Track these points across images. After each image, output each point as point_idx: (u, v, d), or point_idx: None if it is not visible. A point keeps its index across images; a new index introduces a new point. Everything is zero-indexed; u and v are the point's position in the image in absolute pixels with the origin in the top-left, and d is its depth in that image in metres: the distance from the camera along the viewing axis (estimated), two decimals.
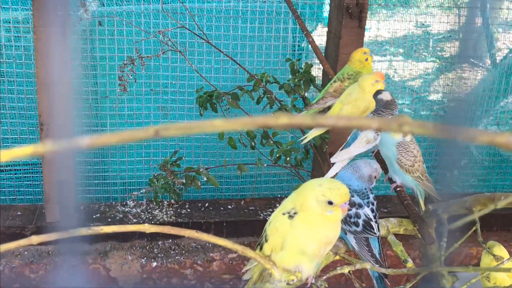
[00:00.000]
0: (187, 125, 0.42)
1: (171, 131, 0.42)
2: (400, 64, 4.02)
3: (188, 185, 2.48)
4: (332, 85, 2.00)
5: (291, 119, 0.40)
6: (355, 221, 1.28)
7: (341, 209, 1.07)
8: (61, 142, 0.42)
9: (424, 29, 4.00)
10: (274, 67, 2.83)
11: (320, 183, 1.08)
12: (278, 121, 0.39)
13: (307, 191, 1.06)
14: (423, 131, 0.38)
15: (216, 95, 2.52)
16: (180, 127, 0.42)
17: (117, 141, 0.42)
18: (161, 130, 0.41)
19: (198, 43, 2.68)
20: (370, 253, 1.26)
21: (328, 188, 1.05)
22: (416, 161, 1.59)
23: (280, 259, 1.10)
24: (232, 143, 2.61)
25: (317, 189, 1.05)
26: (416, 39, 4.03)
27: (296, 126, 0.41)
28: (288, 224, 1.07)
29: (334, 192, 1.04)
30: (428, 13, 3.51)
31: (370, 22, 3.15)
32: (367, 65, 1.98)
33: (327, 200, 1.04)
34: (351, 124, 0.42)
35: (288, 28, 2.80)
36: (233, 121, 0.40)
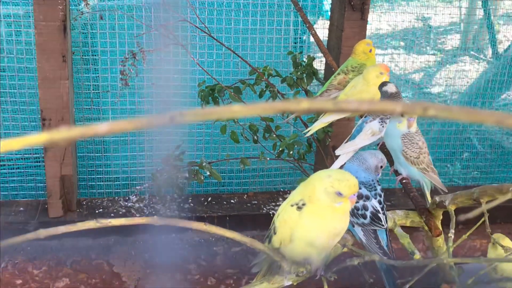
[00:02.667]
0: (205, 111, 0.41)
1: (187, 117, 0.41)
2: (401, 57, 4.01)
3: (191, 179, 2.47)
4: (336, 77, 1.99)
5: (312, 103, 0.39)
6: (362, 213, 1.27)
7: (350, 201, 1.06)
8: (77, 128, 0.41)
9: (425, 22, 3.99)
10: (276, 60, 2.82)
11: (329, 174, 1.07)
12: (299, 106, 0.38)
13: (315, 183, 1.05)
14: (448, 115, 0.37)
15: (218, 89, 2.50)
16: (197, 113, 0.41)
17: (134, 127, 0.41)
18: (176, 116, 0.40)
19: (199, 36, 2.67)
20: (378, 245, 1.25)
21: (337, 179, 1.04)
22: (422, 152, 1.58)
23: (289, 251, 1.09)
24: (235, 137, 2.60)
25: (326, 180, 1.04)
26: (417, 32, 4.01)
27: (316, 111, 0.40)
28: (297, 215, 1.06)
29: (343, 183, 1.03)
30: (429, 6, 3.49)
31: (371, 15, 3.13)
32: (371, 56, 1.97)
33: (336, 191, 1.03)
34: (374, 108, 0.41)
35: (290, 21, 2.78)
36: (252, 106, 0.39)
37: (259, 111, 0.39)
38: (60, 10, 2.32)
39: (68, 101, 2.47)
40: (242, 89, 2.54)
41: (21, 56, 2.59)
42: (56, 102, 2.45)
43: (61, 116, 2.47)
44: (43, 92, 2.43)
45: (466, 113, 0.37)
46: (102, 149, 2.80)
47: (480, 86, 3.48)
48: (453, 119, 0.36)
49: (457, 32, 4.33)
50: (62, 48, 2.39)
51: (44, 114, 2.46)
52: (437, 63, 4.16)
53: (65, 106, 2.47)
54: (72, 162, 2.56)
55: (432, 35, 4.36)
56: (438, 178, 1.61)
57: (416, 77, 4.25)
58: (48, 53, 2.38)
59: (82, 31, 2.61)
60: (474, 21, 3.95)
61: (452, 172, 3.30)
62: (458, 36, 4.23)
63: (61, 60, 2.41)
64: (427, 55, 4.19)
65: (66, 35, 2.38)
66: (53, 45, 2.37)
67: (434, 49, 4.36)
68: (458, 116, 0.37)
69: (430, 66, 4.17)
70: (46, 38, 2.36)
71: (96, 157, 2.80)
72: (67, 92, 2.45)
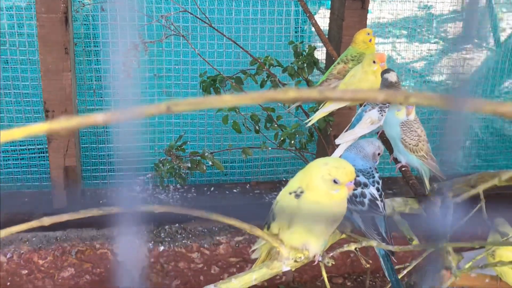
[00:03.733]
0: (198, 101, 0.42)
1: (182, 107, 0.42)
2: (403, 45, 4.01)
3: (194, 169, 2.50)
4: (336, 67, 2.00)
5: (299, 92, 0.41)
6: (361, 201, 1.29)
7: (347, 188, 1.08)
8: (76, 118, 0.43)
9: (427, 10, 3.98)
10: (277, 50, 2.82)
11: (325, 162, 1.10)
12: (286, 95, 0.40)
13: (313, 170, 1.07)
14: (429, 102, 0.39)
15: (220, 79, 2.52)
16: (191, 102, 0.43)
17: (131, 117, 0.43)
18: (172, 105, 0.42)
19: (200, 27, 2.68)
20: (376, 232, 1.27)
21: (334, 167, 1.06)
22: (420, 140, 1.60)
23: (287, 237, 1.12)
24: (237, 127, 2.61)
25: (323, 168, 1.06)
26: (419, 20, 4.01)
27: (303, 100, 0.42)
28: (295, 203, 1.09)
29: (340, 171, 1.06)
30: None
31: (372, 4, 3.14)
32: (370, 46, 1.98)
33: (333, 179, 1.06)
34: (357, 96, 0.43)
35: (291, 10, 2.79)
36: (242, 96, 0.41)
37: (249, 100, 0.41)
38: (62, 2, 2.34)
39: (70, 92, 2.49)
40: (244, 79, 2.55)
41: (24, 48, 2.60)
42: (59, 94, 2.47)
43: (64, 108, 2.50)
44: (46, 84, 2.45)
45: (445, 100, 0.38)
46: (105, 139, 2.82)
47: (482, 74, 3.48)
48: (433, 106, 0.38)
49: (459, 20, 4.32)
50: (64, 40, 2.41)
51: (47, 105, 2.48)
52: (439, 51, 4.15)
53: (68, 97, 2.49)
54: (75, 153, 2.59)
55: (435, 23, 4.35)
56: (437, 165, 1.63)
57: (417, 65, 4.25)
58: (50, 45, 2.40)
59: (84, 23, 2.62)
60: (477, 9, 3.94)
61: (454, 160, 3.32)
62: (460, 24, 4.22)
63: (63, 52, 2.43)
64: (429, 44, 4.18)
65: (68, 27, 2.40)
66: (55, 37, 2.39)
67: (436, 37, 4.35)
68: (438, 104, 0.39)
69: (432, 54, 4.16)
70: (48, 30, 2.38)
71: (100, 148, 2.82)
72: (70, 84, 2.47)
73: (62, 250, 2.61)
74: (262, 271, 1.15)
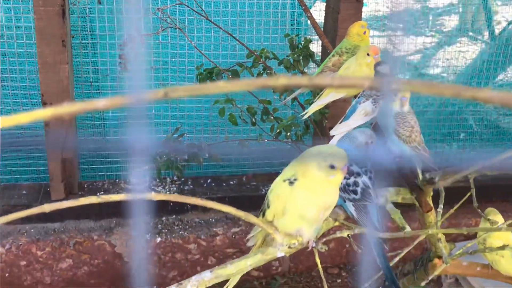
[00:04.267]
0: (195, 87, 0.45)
1: (179, 92, 0.45)
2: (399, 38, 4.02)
3: (191, 161, 2.52)
4: (331, 59, 2.02)
5: (289, 80, 0.43)
6: (353, 189, 1.32)
7: (342, 172, 1.11)
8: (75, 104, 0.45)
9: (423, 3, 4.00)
10: (273, 43, 2.85)
11: (319, 150, 1.13)
12: (277, 82, 0.42)
13: (308, 159, 1.10)
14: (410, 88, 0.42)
15: (216, 72, 2.54)
16: (187, 89, 0.45)
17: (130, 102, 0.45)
18: (170, 91, 0.44)
19: (197, 19, 2.70)
20: (368, 220, 1.30)
21: (329, 154, 1.10)
22: (413, 131, 1.62)
23: (281, 224, 1.15)
24: (233, 119, 2.63)
25: (318, 156, 1.09)
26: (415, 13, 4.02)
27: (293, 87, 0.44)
28: (289, 190, 1.11)
29: (335, 157, 1.09)
30: None
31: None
32: (365, 38, 2.00)
33: (330, 165, 1.09)
34: (344, 83, 0.45)
35: (287, 3, 2.81)
36: (236, 83, 0.44)
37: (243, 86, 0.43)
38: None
39: (68, 85, 2.51)
40: (240, 71, 2.57)
41: (21, 41, 2.62)
42: (57, 86, 2.49)
43: (61, 100, 2.51)
44: (44, 77, 2.47)
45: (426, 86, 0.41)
46: (103, 132, 2.84)
47: (476, 66, 3.51)
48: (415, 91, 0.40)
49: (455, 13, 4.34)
50: (61, 32, 2.42)
51: (45, 98, 2.50)
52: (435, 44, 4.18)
53: (65, 90, 2.51)
54: (73, 145, 2.61)
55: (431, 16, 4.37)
56: (429, 156, 1.65)
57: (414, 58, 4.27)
58: (47, 38, 2.41)
59: (80, 15, 2.64)
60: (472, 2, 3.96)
61: (449, 153, 3.35)
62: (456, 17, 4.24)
63: (60, 45, 2.44)
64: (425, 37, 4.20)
65: (65, 19, 2.41)
66: (53, 30, 2.41)
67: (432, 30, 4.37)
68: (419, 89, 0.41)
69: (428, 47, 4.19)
70: (46, 23, 2.39)
71: (97, 141, 2.84)
72: (67, 76, 2.49)
73: (60, 242, 2.64)
74: (257, 257, 1.18)
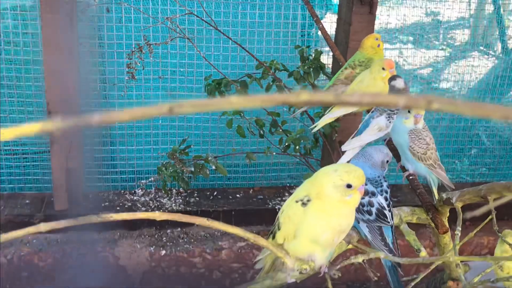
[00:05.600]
0: (202, 102, 0.39)
1: (185, 108, 0.39)
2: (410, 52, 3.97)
3: (197, 173, 2.47)
4: (343, 72, 1.97)
5: (312, 96, 0.37)
6: (368, 210, 1.25)
7: (359, 192, 1.04)
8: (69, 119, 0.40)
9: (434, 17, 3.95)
10: (284, 54, 2.80)
11: (335, 168, 1.06)
12: (298, 98, 0.37)
13: (322, 178, 1.03)
14: (453, 108, 0.36)
15: (225, 83, 2.49)
16: (195, 104, 0.39)
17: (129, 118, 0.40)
18: (175, 107, 0.39)
19: (206, 29, 2.65)
20: (383, 242, 1.23)
21: (345, 172, 1.03)
22: (429, 148, 1.56)
23: (292, 247, 1.08)
24: (241, 131, 2.58)
25: (334, 175, 1.02)
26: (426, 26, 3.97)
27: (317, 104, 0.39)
28: (301, 212, 1.05)
29: (352, 175, 1.02)
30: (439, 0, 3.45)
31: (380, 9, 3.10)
32: (379, 51, 1.94)
33: (346, 184, 1.02)
34: (376, 101, 0.39)
35: (298, 14, 2.76)
36: (251, 98, 0.38)
37: (258, 103, 0.38)
38: (67, 3, 2.31)
39: (74, 94, 2.46)
40: (249, 83, 2.52)
41: (28, 48, 2.58)
42: (62, 95, 2.45)
43: (67, 109, 2.47)
44: (49, 85, 2.43)
45: (471, 107, 0.35)
46: (108, 142, 2.79)
47: (489, 81, 3.44)
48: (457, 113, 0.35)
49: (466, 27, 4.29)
50: (68, 41, 2.38)
51: (50, 106, 2.46)
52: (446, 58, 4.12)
53: (71, 98, 2.47)
54: (78, 155, 2.56)
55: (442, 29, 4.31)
56: (445, 174, 1.59)
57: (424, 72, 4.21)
58: (54, 46, 2.37)
59: (88, 24, 2.60)
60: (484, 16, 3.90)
61: (460, 168, 3.28)
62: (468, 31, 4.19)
63: (67, 53, 2.40)
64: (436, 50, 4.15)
65: (72, 27, 2.37)
66: (60, 38, 2.37)
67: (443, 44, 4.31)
68: (463, 110, 0.36)
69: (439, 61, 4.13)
70: (53, 31, 2.35)
71: (103, 150, 2.79)
72: (74, 85, 2.45)
73: (63, 253, 2.58)
74: (266, 283, 1.11)
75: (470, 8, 3.79)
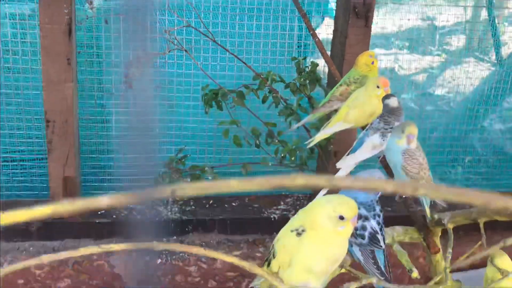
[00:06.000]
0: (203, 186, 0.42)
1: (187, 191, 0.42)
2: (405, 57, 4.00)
3: None
4: (338, 88, 2.00)
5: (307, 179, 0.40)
6: (361, 234, 1.29)
7: (351, 223, 1.08)
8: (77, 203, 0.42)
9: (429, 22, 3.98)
10: (280, 65, 2.82)
11: (328, 199, 1.09)
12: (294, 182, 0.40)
13: (316, 209, 1.07)
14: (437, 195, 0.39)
15: (222, 93, 2.51)
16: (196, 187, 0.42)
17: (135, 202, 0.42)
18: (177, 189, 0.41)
19: (203, 40, 2.67)
20: (375, 266, 1.26)
21: (338, 204, 1.06)
22: (422, 168, 1.59)
23: (287, 276, 1.11)
24: (237, 141, 2.61)
25: (327, 206, 1.06)
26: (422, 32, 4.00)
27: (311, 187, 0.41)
28: (296, 242, 1.08)
29: (345, 207, 1.06)
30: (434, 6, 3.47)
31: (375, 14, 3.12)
32: (373, 68, 1.97)
33: (339, 215, 1.06)
34: (367, 186, 0.42)
35: (294, 25, 2.79)
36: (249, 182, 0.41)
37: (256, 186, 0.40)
38: (66, 14, 2.33)
39: (72, 103, 2.48)
40: (246, 94, 2.54)
41: (26, 57, 2.60)
42: (60, 104, 2.47)
43: (65, 118, 2.49)
44: (48, 94, 2.44)
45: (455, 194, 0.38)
46: (106, 150, 2.81)
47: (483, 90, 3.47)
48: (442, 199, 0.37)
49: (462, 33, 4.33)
50: (67, 51, 2.40)
51: (48, 116, 2.48)
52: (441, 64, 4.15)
53: (69, 108, 2.48)
54: (75, 163, 2.58)
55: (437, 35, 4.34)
56: None
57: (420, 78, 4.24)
58: (53, 56, 2.39)
59: (86, 33, 2.62)
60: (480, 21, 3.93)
61: (454, 178, 3.31)
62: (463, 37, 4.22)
63: (65, 63, 2.42)
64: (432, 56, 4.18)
65: (71, 37, 2.39)
66: (58, 48, 2.39)
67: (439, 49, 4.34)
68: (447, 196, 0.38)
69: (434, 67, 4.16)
70: (51, 41, 2.37)
71: (100, 158, 2.81)
72: (71, 95, 2.46)
73: (59, 261, 2.61)
74: None
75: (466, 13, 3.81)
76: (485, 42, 3.97)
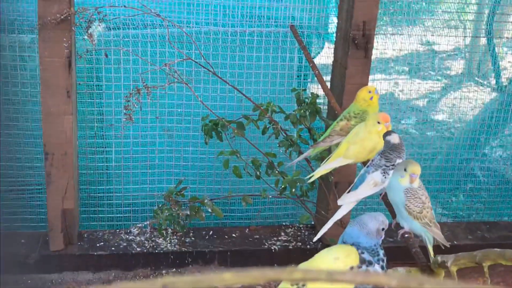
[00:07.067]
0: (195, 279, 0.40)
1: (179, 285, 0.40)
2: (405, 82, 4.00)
3: (193, 216, 2.47)
4: (339, 123, 1.99)
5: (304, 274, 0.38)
6: None
7: None
8: None
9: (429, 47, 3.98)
10: (280, 95, 2.82)
11: (329, 252, 1.08)
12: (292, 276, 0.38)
13: (318, 263, 1.05)
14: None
15: (222, 124, 2.50)
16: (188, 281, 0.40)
17: None
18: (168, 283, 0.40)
19: (203, 71, 2.68)
20: None
21: (340, 255, 1.05)
22: (425, 207, 1.57)
23: None
24: (237, 172, 2.59)
25: (328, 257, 1.04)
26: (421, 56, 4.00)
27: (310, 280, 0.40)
28: None
29: (347, 258, 1.04)
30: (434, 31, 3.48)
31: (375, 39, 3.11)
32: (372, 103, 1.96)
33: None
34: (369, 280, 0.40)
35: (294, 56, 2.79)
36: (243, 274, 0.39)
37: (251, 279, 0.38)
38: (66, 47, 2.33)
39: (71, 135, 2.47)
40: (246, 124, 2.54)
41: (26, 90, 2.60)
42: (60, 137, 2.45)
43: (64, 151, 2.47)
44: (47, 127, 2.43)
45: None
46: (105, 181, 2.79)
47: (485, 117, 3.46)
48: None
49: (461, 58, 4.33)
50: (66, 83, 2.40)
51: (47, 148, 2.46)
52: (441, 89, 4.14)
53: (68, 140, 2.47)
54: (74, 195, 2.56)
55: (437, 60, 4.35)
56: (441, 233, 1.60)
57: (420, 103, 4.24)
58: (52, 89, 2.39)
59: (87, 65, 2.62)
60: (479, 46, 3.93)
61: (456, 205, 3.28)
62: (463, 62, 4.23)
63: (65, 96, 2.41)
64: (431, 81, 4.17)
65: (71, 70, 2.39)
66: (58, 81, 2.38)
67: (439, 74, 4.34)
68: None
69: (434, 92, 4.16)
70: (51, 74, 2.37)
71: (98, 189, 2.79)
72: (71, 127, 2.45)
73: None
74: None
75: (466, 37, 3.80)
76: (485, 66, 3.97)
